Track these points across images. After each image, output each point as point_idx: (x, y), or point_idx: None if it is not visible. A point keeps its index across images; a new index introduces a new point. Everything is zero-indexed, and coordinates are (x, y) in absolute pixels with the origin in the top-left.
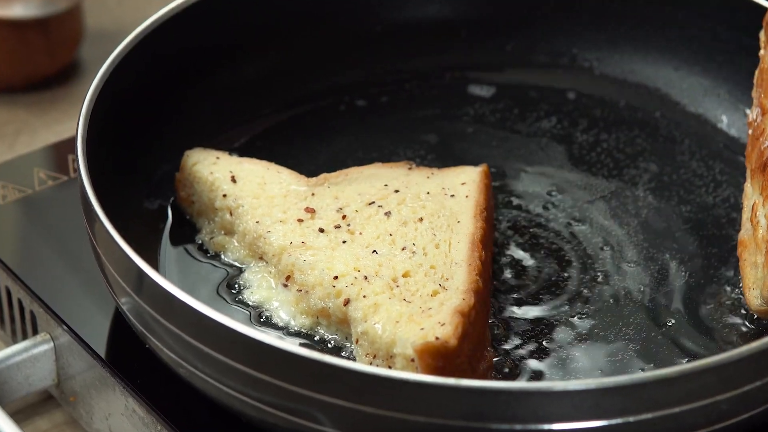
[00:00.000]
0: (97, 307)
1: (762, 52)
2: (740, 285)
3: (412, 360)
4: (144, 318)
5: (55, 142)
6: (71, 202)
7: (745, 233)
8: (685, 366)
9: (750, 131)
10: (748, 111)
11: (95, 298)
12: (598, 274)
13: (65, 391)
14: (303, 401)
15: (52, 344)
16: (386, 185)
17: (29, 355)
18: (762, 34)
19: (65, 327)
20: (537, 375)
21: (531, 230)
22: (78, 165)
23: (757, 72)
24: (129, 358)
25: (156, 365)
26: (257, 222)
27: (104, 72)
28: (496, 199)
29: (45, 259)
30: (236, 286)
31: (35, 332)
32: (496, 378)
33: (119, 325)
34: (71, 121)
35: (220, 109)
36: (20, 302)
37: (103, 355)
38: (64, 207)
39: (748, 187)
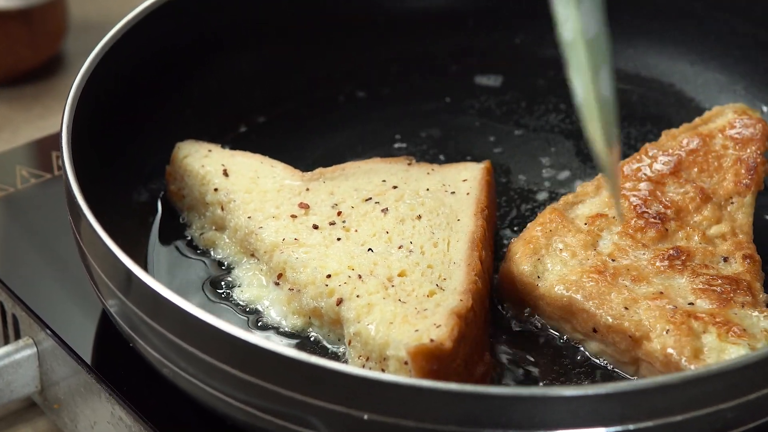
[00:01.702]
0: (83, 310)
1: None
2: None
3: (406, 362)
4: (132, 320)
5: (38, 139)
6: (55, 200)
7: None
8: (688, 372)
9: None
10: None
11: (80, 301)
12: None
13: (49, 398)
14: (292, 404)
15: (35, 349)
16: (384, 181)
17: (11, 361)
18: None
19: (49, 331)
20: (535, 380)
21: None
22: (63, 160)
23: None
24: (115, 363)
25: (144, 371)
26: (249, 217)
27: (89, 65)
28: (499, 197)
29: (27, 261)
30: (226, 284)
31: (17, 336)
32: (493, 383)
33: (105, 329)
34: (55, 116)
35: (212, 100)
36: (2, 305)
37: (88, 361)
38: (48, 206)
39: None
